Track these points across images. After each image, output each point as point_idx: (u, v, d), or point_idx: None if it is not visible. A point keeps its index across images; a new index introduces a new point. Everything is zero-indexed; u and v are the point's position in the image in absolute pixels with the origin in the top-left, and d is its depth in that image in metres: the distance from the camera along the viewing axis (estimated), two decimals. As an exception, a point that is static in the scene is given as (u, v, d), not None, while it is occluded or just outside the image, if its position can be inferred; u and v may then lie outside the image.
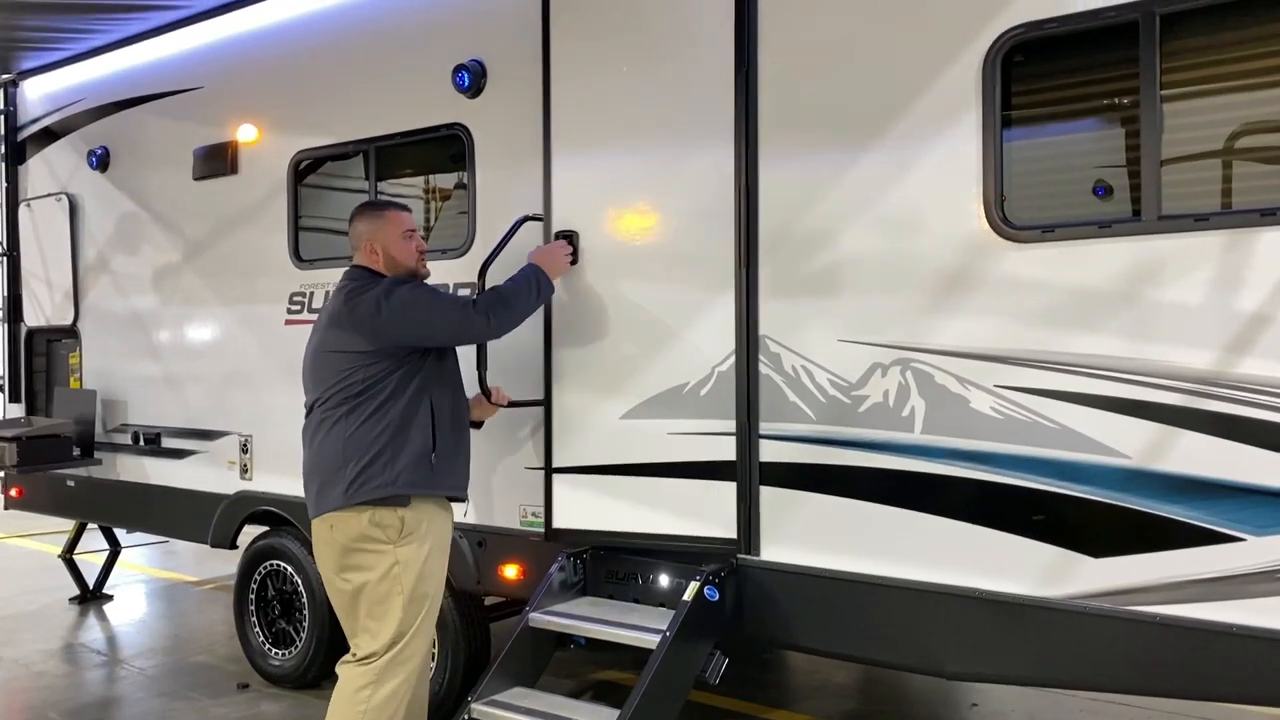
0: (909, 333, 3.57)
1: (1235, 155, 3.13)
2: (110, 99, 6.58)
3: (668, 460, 4.06)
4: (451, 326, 3.80)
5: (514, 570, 4.66)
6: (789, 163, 3.81)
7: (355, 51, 5.27)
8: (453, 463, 3.81)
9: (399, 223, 3.87)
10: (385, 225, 3.85)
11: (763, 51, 3.85)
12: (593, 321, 4.29)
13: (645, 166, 4.14)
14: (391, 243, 3.85)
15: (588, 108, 4.29)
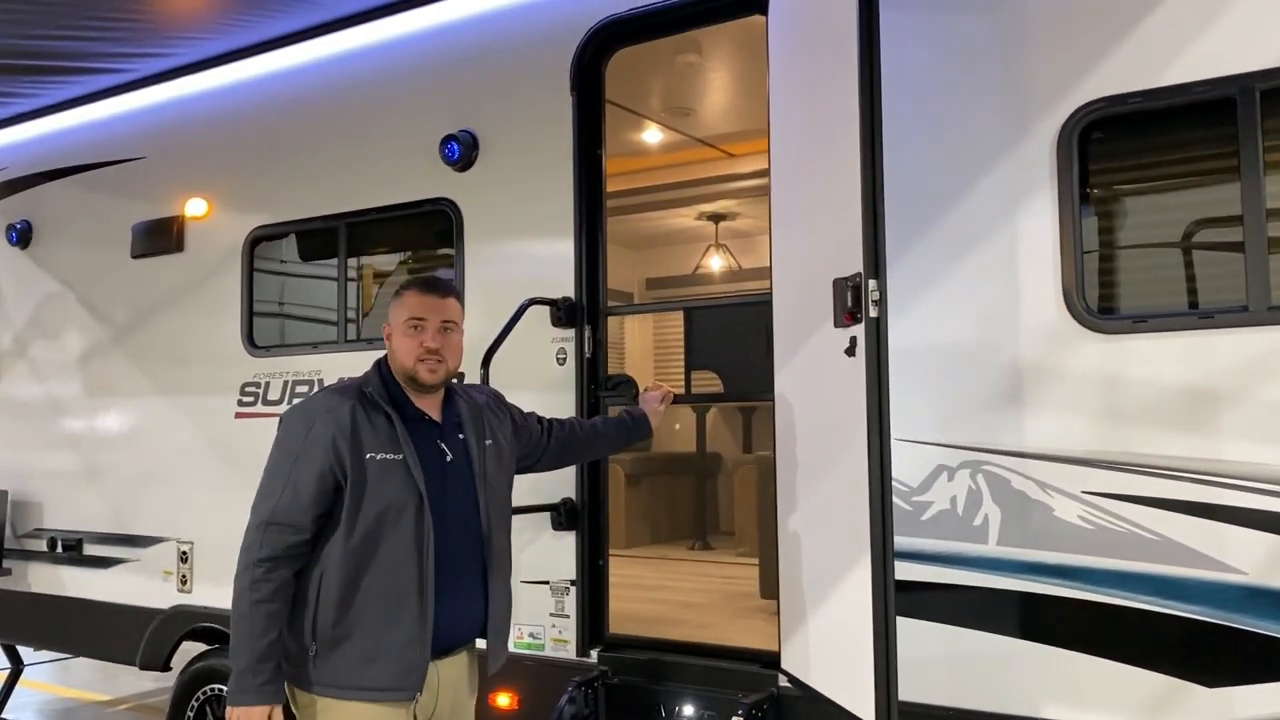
0: (980, 432, 3.22)
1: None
2: (35, 169, 5.99)
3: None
4: (249, 522, 2.79)
5: (507, 698, 4.12)
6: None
7: (327, 119, 4.83)
8: (346, 655, 2.75)
9: (410, 309, 2.91)
10: (397, 309, 2.94)
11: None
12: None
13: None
14: (396, 334, 2.92)
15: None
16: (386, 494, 2.75)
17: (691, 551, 7.07)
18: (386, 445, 2.78)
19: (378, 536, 2.75)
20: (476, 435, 2.98)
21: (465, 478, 2.92)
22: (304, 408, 2.86)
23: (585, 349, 4.09)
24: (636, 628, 4.17)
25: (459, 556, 2.86)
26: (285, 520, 2.71)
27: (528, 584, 4.11)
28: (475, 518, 2.92)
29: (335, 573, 2.73)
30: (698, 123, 6.41)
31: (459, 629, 2.89)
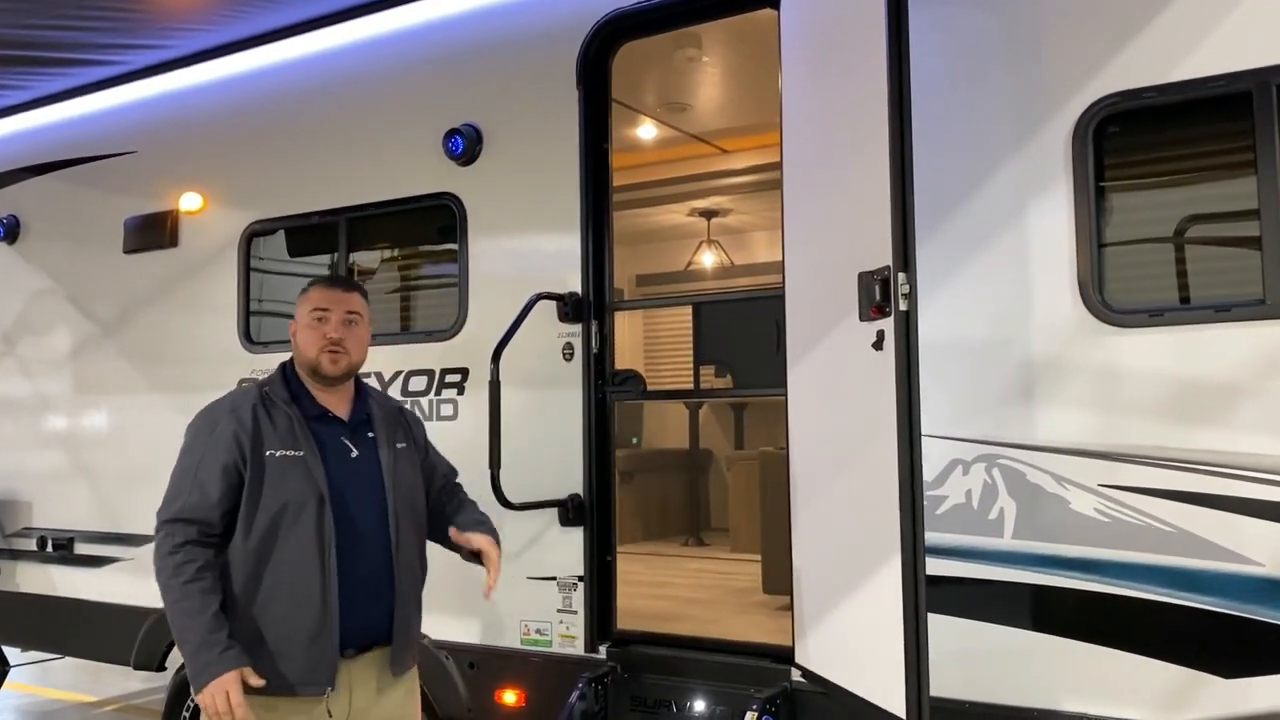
0: (995, 426, 3.23)
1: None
2: (23, 163, 5.88)
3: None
4: (157, 520, 2.81)
5: (514, 696, 4.10)
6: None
7: (326, 112, 4.78)
8: (254, 651, 2.71)
9: (313, 301, 2.93)
10: (302, 304, 2.95)
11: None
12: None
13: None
14: (300, 328, 2.92)
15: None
16: (285, 491, 2.76)
17: (685, 548, 7.07)
18: (286, 442, 2.79)
19: (276, 533, 2.74)
20: (388, 436, 2.96)
21: (372, 477, 2.90)
22: (208, 411, 2.87)
23: (592, 344, 4.07)
24: (643, 623, 4.17)
25: (365, 556, 2.83)
26: (193, 517, 2.72)
27: (535, 580, 4.10)
28: (383, 518, 2.88)
29: (238, 571, 2.74)
30: (692, 118, 6.40)
31: (365, 629, 2.85)
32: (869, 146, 2.86)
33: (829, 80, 3.19)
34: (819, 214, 3.25)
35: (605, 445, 4.07)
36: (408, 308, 4.77)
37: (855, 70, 2.95)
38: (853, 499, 3.03)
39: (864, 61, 2.88)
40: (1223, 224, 3.10)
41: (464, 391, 4.32)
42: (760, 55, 5.27)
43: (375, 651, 2.88)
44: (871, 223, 2.84)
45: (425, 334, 4.50)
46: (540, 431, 4.11)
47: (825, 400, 3.22)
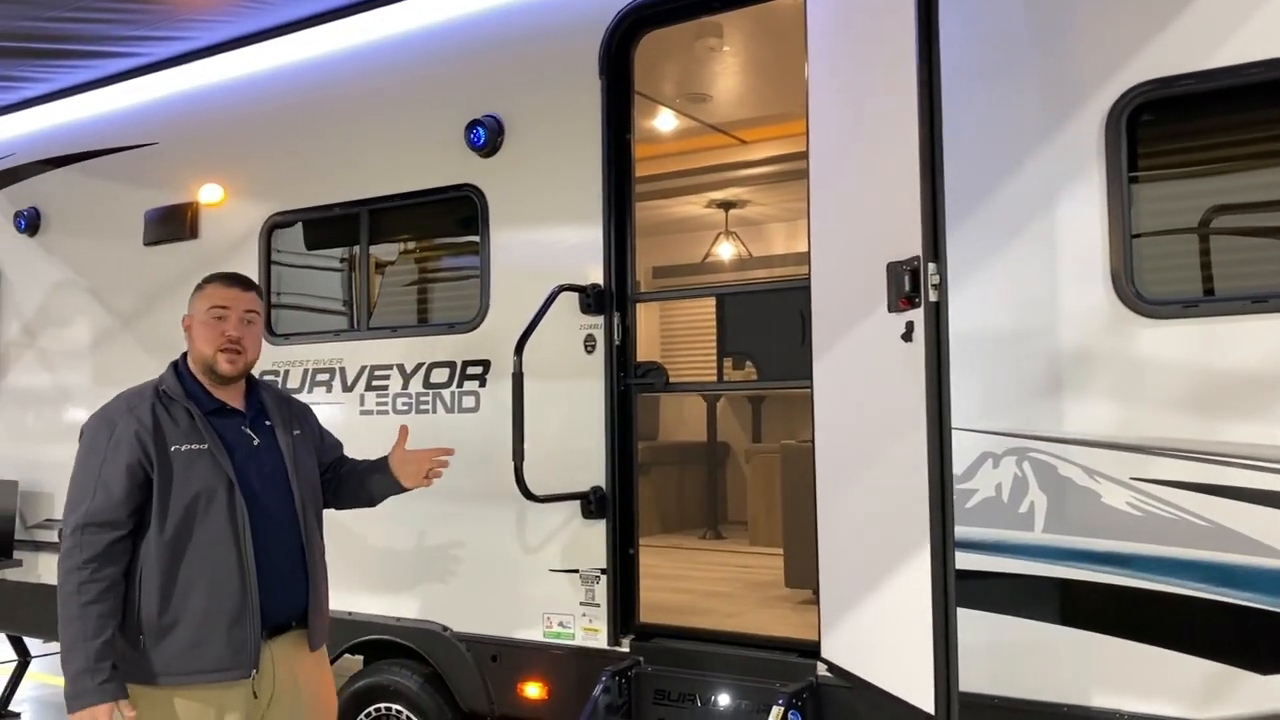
0: (1025, 419, 3.19)
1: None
2: (44, 155, 5.89)
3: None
4: (63, 527, 2.84)
5: (537, 689, 4.09)
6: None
7: (347, 104, 4.76)
8: (176, 641, 2.82)
9: (210, 298, 3.00)
10: (198, 300, 3.02)
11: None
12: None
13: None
14: (197, 324, 2.99)
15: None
16: (194, 482, 2.84)
17: (704, 541, 7.05)
18: (190, 437, 2.87)
19: (190, 524, 2.83)
20: (284, 423, 3.09)
21: (275, 463, 3.01)
22: (103, 414, 2.93)
23: (615, 336, 4.04)
24: (665, 617, 4.14)
25: (276, 539, 2.95)
26: (101, 519, 2.77)
27: (557, 572, 4.08)
28: (289, 500, 3.01)
29: (153, 565, 2.80)
30: (712, 109, 6.36)
31: (283, 608, 2.97)
32: (898, 135, 2.82)
33: (857, 69, 3.15)
34: (846, 204, 3.21)
35: (627, 438, 4.05)
36: (429, 300, 4.76)
37: (884, 58, 2.91)
38: (880, 492, 3.00)
39: (893, 49, 2.84)
40: (1259, 213, 3.05)
41: (486, 384, 4.30)
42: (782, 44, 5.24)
43: (292, 631, 3.02)
44: (900, 212, 2.80)
45: (447, 326, 4.48)
46: (562, 424, 4.09)
47: (852, 392, 3.19)
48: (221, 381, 2.99)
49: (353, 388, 4.65)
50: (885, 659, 3.00)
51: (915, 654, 2.74)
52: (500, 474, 4.18)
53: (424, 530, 4.43)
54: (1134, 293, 3.06)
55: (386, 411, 4.55)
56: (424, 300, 4.82)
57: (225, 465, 2.87)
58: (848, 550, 3.22)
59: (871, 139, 3.03)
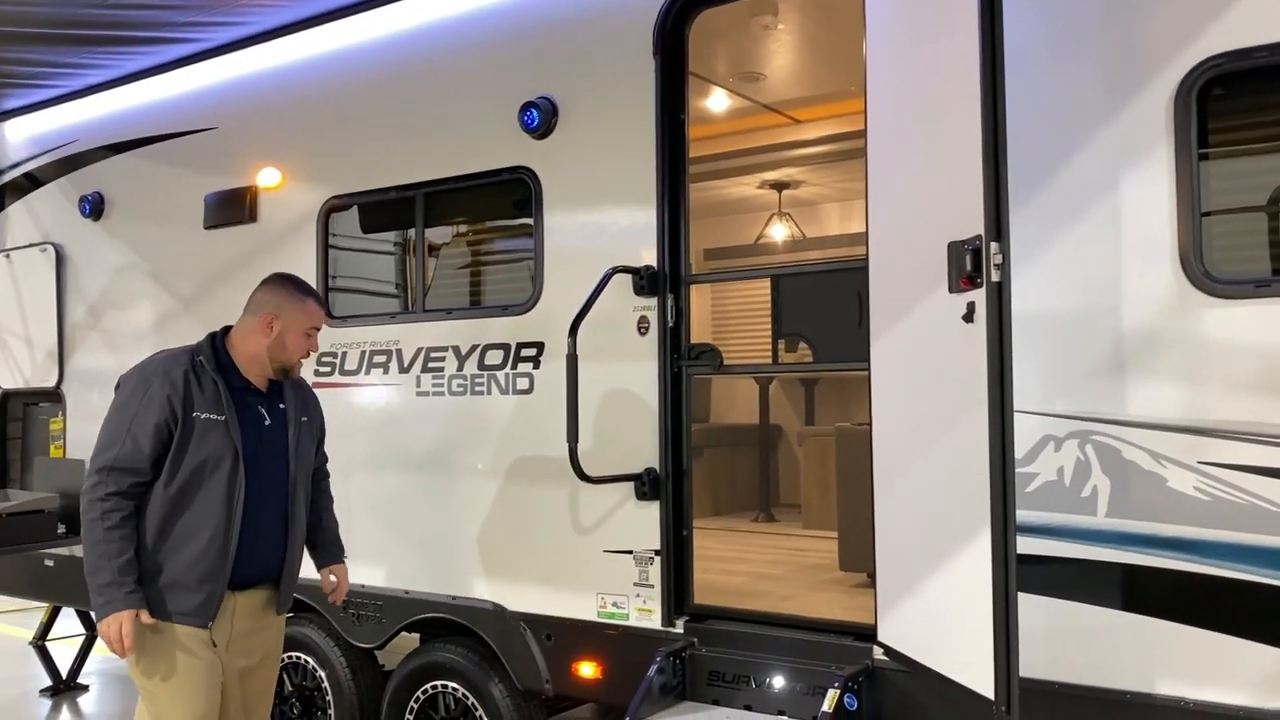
0: (1089, 402, 3.13)
1: None
2: (107, 141, 6.00)
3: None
4: (90, 465, 3.23)
5: (591, 668, 4.11)
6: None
7: (403, 88, 4.79)
8: (156, 583, 3.21)
9: (312, 318, 3.47)
10: (299, 313, 3.43)
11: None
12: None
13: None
14: (292, 332, 3.41)
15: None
16: (206, 448, 3.22)
17: (756, 524, 7.03)
18: (212, 407, 3.24)
19: (194, 485, 3.21)
20: (295, 409, 3.47)
21: (280, 442, 3.40)
22: (141, 371, 3.30)
23: (668, 318, 4.03)
24: (718, 599, 4.15)
25: (265, 508, 3.33)
26: (127, 466, 3.16)
27: (611, 554, 4.10)
28: (284, 477, 3.39)
29: (154, 513, 3.20)
30: (765, 88, 6.30)
31: (257, 569, 3.35)
32: (960, 113, 2.77)
33: (917, 45, 3.09)
34: (905, 183, 3.17)
35: (680, 420, 4.04)
36: (484, 282, 4.79)
37: (945, 34, 2.86)
38: (939, 475, 2.96)
39: (955, 24, 2.79)
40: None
41: (540, 365, 4.32)
42: (837, 21, 5.17)
43: (261, 589, 3.39)
44: (962, 191, 2.76)
45: (501, 308, 4.50)
46: (616, 405, 4.10)
47: (911, 374, 3.15)
48: (284, 375, 3.43)
49: (409, 369, 4.69)
50: (944, 643, 2.97)
51: (975, 639, 2.71)
52: (554, 455, 4.21)
53: (479, 511, 4.47)
54: (1203, 272, 2.98)
55: (442, 393, 4.59)
56: (479, 282, 4.85)
57: (235, 438, 3.24)
58: (906, 533, 3.19)
59: (932, 116, 2.98)
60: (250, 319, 3.40)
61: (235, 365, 3.35)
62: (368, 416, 4.84)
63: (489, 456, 4.45)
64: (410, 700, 4.55)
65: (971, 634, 2.74)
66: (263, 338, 3.35)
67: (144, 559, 3.18)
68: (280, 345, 3.37)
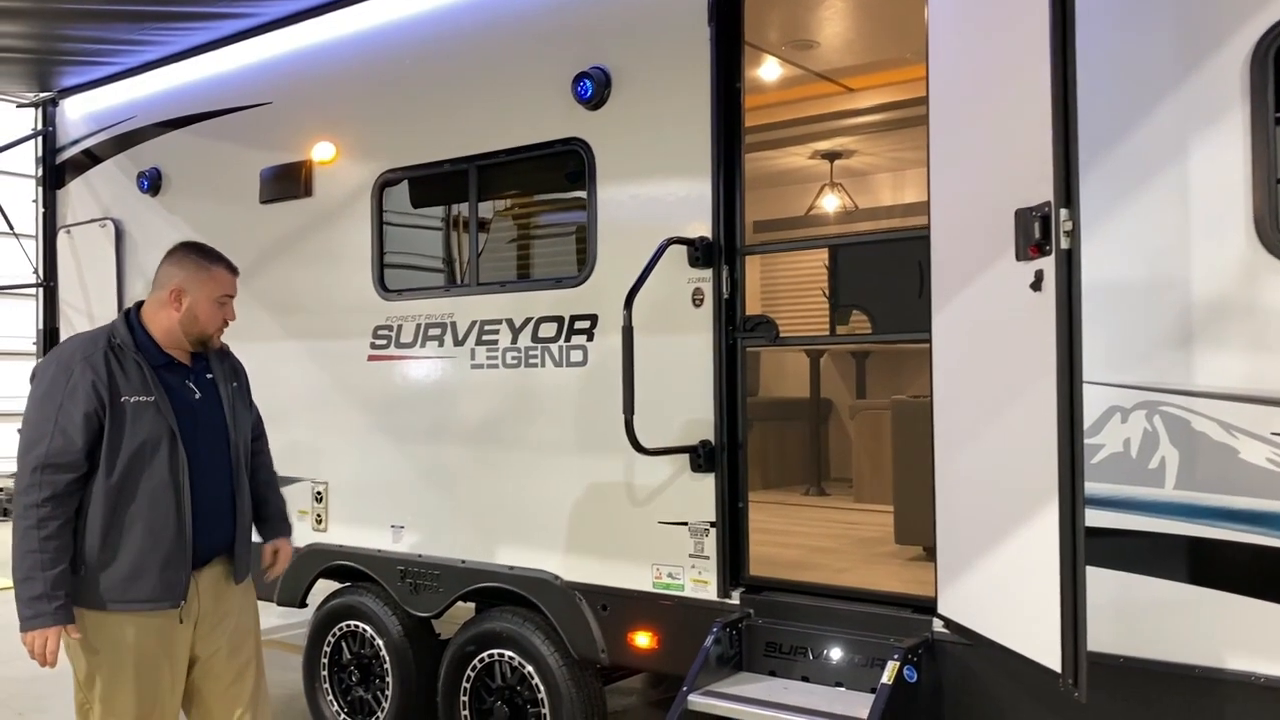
0: (1157, 372, 3.07)
1: None
2: (164, 117, 6.07)
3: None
4: (20, 464, 3.10)
5: (646, 638, 4.13)
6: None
7: (455, 61, 4.79)
8: (114, 574, 3.11)
9: (223, 285, 3.33)
10: (207, 282, 3.28)
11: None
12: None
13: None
14: (201, 304, 3.26)
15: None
16: (140, 432, 3.10)
17: (807, 497, 7.01)
18: (139, 389, 3.12)
19: (135, 471, 3.10)
20: (224, 377, 3.38)
21: (215, 414, 3.31)
22: (58, 358, 3.16)
23: (723, 289, 4.01)
24: (773, 571, 4.14)
25: (211, 483, 3.25)
26: (60, 461, 3.03)
27: (666, 525, 4.10)
28: (225, 449, 3.32)
29: (98, 507, 3.08)
30: (819, 56, 6.22)
31: (212, 544, 3.28)
32: (1028, 76, 2.71)
33: (983, 6, 3.02)
34: (970, 150, 3.11)
35: (735, 392, 4.03)
36: (537, 254, 4.79)
37: (1014, -5, 2.79)
38: (1005, 447, 2.93)
39: (1024, -15, 2.72)
40: None
41: (593, 338, 4.32)
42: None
43: (217, 562, 3.32)
44: (1030, 157, 2.70)
45: (554, 281, 4.50)
46: (670, 378, 4.09)
47: (975, 344, 3.11)
48: (202, 347, 3.33)
49: (464, 342, 4.72)
50: (1008, 616, 2.94)
51: (1041, 611, 2.68)
52: (608, 428, 4.22)
53: (534, 482, 4.50)
54: (1278, 239, 2.90)
55: (496, 365, 4.61)
56: (532, 255, 4.85)
57: (169, 418, 3.14)
58: (968, 505, 3.16)
59: (999, 81, 2.92)
60: (158, 294, 3.26)
61: (155, 342, 3.22)
62: (423, 389, 4.88)
63: (543, 429, 4.47)
64: (467, 669, 4.61)
65: (1037, 607, 2.71)
66: (172, 312, 3.21)
67: (95, 554, 3.07)
68: (192, 318, 3.23)
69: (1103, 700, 3.06)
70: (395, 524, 4.94)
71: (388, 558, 4.92)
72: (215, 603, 3.31)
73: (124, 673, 3.14)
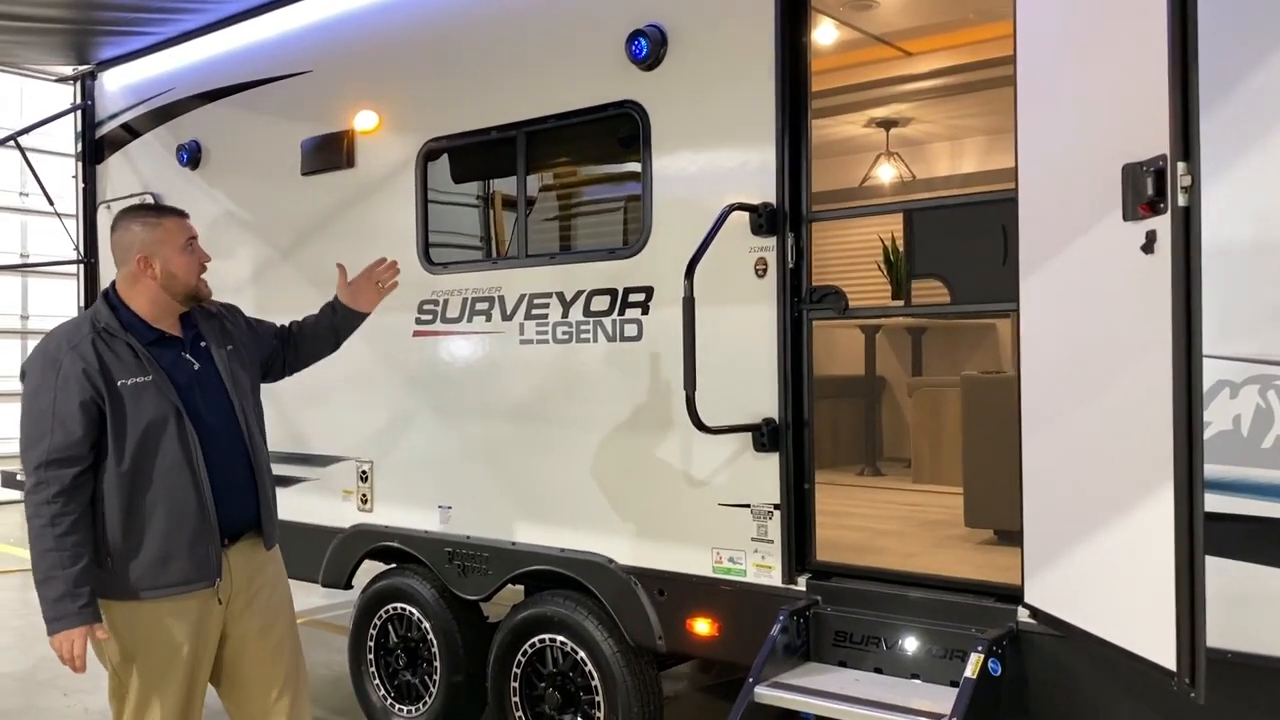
0: (1271, 344, 2.82)
1: None
2: (203, 88, 5.93)
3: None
4: (24, 464, 3.00)
5: (706, 625, 3.95)
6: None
7: (500, 22, 4.59)
8: (142, 561, 3.02)
9: (181, 230, 3.16)
10: (164, 235, 3.11)
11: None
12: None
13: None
14: (172, 259, 3.10)
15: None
16: (144, 414, 2.99)
17: (861, 477, 6.79)
18: (134, 370, 3.00)
19: (146, 453, 2.99)
20: (217, 343, 3.23)
21: (215, 383, 3.18)
22: (44, 352, 3.03)
23: (788, 258, 3.79)
24: (839, 555, 3.94)
25: (225, 455, 3.13)
26: (63, 455, 2.92)
27: (727, 507, 3.91)
28: (233, 417, 3.17)
29: (114, 494, 2.97)
30: (876, 18, 5.95)
31: (237, 518, 3.16)
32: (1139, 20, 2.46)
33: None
34: (1067, 103, 2.86)
35: (801, 367, 3.82)
36: (588, 224, 4.60)
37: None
38: (1106, 424, 2.69)
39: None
40: None
41: (649, 311, 4.12)
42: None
43: (246, 538, 3.21)
44: (1141, 107, 2.46)
45: (608, 252, 4.31)
46: (731, 352, 3.88)
47: (1071, 312, 2.87)
48: (190, 303, 3.18)
49: (512, 316, 4.54)
50: (1108, 607, 2.72)
51: (1150, 603, 2.46)
52: (665, 404, 4.03)
53: (586, 461, 4.32)
54: None
55: (547, 341, 4.43)
56: (583, 225, 4.66)
57: (171, 395, 3.03)
58: (1062, 487, 2.93)
59: (1105, 26, 2.67)
60: (126, 270, 3.11)
61: (141, 319, 3.08)
62: (471, 365, 4.71)
63: (595, 406, 4.29)
64: (518, 654, 4.45)
65: (1145, 598, 2.49)
66: (149, 281, 3.08)
67: (118, 543, 2.98)
68: (170, 276, 3.09)
69: (1210, 699, 2.83)
70: (442, 504, 4.79)
71: (435, 539, 4.77)
72: (248, 581, 3.22)
73: (161, 662, 3.06)
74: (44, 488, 2.92)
